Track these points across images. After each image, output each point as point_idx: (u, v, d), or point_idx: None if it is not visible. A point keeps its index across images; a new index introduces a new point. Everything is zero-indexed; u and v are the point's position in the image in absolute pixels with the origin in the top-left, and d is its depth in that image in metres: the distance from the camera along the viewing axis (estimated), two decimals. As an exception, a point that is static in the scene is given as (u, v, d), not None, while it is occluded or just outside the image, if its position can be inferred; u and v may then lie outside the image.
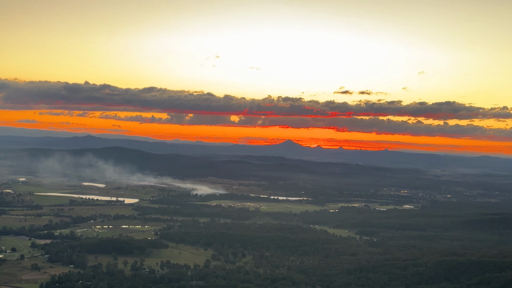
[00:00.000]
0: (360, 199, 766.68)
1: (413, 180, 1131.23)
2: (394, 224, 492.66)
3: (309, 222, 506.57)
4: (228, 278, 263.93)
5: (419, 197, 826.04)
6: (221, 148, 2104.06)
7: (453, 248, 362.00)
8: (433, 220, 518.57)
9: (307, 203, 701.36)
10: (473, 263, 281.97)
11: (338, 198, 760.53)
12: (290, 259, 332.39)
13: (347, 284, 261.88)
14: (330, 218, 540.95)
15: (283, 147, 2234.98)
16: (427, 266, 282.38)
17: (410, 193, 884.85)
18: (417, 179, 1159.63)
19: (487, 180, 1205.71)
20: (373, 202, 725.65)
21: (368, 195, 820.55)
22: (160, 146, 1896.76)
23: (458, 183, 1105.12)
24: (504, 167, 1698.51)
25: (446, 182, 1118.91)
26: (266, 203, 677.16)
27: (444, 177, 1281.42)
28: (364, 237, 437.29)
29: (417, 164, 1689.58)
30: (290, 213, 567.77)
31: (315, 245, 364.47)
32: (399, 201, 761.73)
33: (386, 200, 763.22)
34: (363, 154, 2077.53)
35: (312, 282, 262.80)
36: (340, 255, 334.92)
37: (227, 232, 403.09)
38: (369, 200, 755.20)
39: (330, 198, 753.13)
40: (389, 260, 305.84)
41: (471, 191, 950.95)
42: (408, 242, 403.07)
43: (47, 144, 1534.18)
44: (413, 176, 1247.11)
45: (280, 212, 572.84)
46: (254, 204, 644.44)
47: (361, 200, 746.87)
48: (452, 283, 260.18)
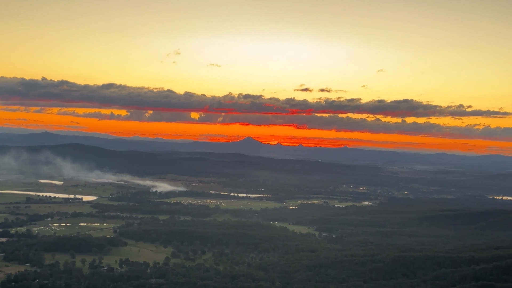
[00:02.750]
0: (320, 196, 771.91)
1: (371, 177, 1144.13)
2: (353, 221, 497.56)
3: (269, 219, 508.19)
4: (187, 275, 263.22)
5: (377, 194, 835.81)
6: (181, 145, 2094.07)
7: (410, 244, 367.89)
8: (391, 216, 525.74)
9: (267, 200, 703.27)
10: (430, 258, 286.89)
11: (297, 195, 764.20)
12: (250, 256, 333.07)
13: (306, 280, 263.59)
14: (290, 215, 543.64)
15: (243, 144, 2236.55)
16: (385, 262, 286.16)
17: (368, 190, 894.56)
18: (376, 176, 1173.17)
19: (443, 177, 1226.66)
20: (332, 199, 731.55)
21: (328, 192, 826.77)
22: (120, 143, 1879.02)
23: (415, 179, 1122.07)
24: (460, 164, 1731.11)
25: (403, 179, 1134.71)
26: (226, 200, 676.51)
27: (401, 174, 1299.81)
28: (323, 233, 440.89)
29: (376, 161, 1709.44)
30: (250, 210, 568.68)
31: (275, 242, 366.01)
32: (357, 197, 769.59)
33: (345, 197, 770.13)
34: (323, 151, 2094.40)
35: (272, 279, 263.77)
36: (300, 252, 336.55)
37: (187, 230, 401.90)
38: (328, 197, 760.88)
39: (290, 195, 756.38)
40: (348, 256, 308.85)
41: (428, 188, 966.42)
42: (366, 238, 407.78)
43: (3, 141, 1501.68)
44: (372, 173, 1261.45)
45: (240, 209, 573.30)
46: (214, 201, 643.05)
47: (321, 197, 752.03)
48: (409, 278, 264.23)
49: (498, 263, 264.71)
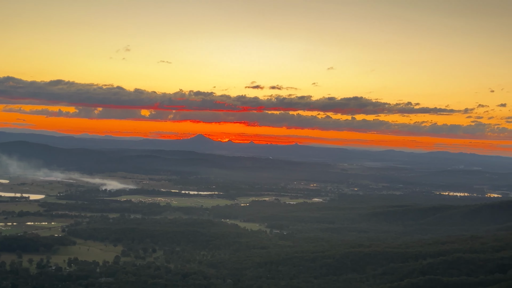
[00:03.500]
0: (271, 193, 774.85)
1: (322, 173, 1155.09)
2: (304, 217, 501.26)
3: (220, 216, 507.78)
4: (138, 274, 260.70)
5: (328, 191, 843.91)
6: (131, 142, 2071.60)
7: (360, 240, 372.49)
8: (341, 212, 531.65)
9: (218, 197, 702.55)
10: (379, 254, 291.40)
11: (249, 192, 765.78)
12: (201, 253, 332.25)
13: (257, 277, 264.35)
14: (241, 212, 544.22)
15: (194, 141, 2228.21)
16: (335, 257, 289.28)
17: (319, 187, 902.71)
18: (326, 173, 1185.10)
19: (391, 173, 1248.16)
20: (283, 196, 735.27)
21: (279, 189, 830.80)
22: (68, 140, 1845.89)
23: (365, 176, 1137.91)
24: (408, 161, 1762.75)
25: (353, 176, 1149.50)
26: (177, 197, 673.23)
27: (351, 170, 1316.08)
28: (274, 230, 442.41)
29: (326, 158, 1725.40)
30: (201, 208, 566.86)
31: (226, 239, 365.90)
32: (308, 194, 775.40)
33: (296, 194, 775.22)
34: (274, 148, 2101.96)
35: (223, 276, 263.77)
36: (251, 249, 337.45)
37: (137, 228, 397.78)
38: (279, 193, 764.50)
39: (241, 192, 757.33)
40: (299, 252, 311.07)
41: (377, 184, 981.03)
42: (317, 234, 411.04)
43: None
44: (322, 169, 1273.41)
45: (191, 207, 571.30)
46: (165, 199, 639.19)
47: (272, 194, 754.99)
48: (359, 273, 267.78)
49: (444, 258, 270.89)
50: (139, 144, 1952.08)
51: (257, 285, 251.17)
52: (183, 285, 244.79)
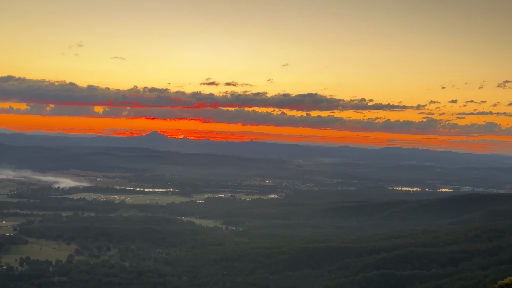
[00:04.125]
0: (226, 189, 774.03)
1: (277, 170, 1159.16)
2: (259, 214, 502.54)
3: (175, 214, 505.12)
4: (92, 272, 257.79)
5: (283, 187, 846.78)
6: (85, 139, 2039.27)
7: (315, 235, 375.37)
8: (296, 208, 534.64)
9: (174, 194, 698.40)
10: (334, 249, 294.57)
11: (204, 189, 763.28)
12: (157, 251, 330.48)
13: (213, 274, 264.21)
14: (197, 209, 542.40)
15: (149, 138, 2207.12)
16: (290, 253, 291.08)
17: (274, 183, 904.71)
18: (281, 169, 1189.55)
19: (346, 169, 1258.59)
20: (239, 192, 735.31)
21: (234, 186, 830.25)
22: (19, 138, 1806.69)
23: (320, 172, 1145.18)
24: (362, 157, 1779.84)
25: (308, 172, 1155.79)
26: (131, 195, 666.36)
27: (306, 166, 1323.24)
28: (230, 227, 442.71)
29: (281, 154, 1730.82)
30: (156, 205, 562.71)
31: (182, 236, 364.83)
32: (264, 190, 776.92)
33: (252, 190, 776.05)
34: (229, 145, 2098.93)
35: (178, 273, 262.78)
36: (207, 246, 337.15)
37: (91, 226, 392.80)
38: (235, 190, 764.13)
39: (197, 189, 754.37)
40: (254, 248, 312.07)
41: (332, 180, 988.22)
42: (272, 230, 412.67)
43: None
44: (278, 166, 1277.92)
45: (146, 204, 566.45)
46: (119, 197, 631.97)
47: (227, 191, 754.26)
48: (314, 269, 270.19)
49: (398, 252, 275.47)
50: (92, 141, 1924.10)
51: (213, 282, 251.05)
52: (138, 283, 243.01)
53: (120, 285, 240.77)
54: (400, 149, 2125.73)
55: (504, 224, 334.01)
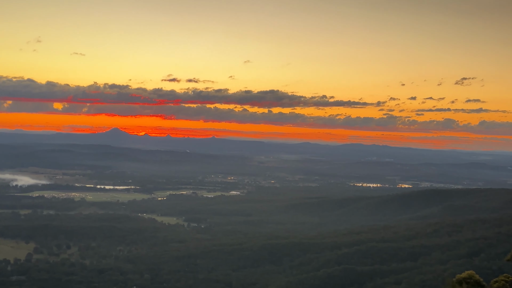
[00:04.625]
0: (188, 186, 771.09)
1: (239, 166, 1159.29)
2: (222, 210, 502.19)
3: (137, 211, 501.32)
4: (51, 271, 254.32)
5: (245, 183, 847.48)
6: (44, 136, 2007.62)
7: (277, 232, 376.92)
8: (258, 205, 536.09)
9: (135, 191, 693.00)
10: (295, 245, 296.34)
11: (166, 186, 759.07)
12: (118, 249, 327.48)
13: (175, 271, 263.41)
14: (158, 206, 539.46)
15: (110, 135, 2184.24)
16: (252, 250, 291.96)
17: (236, 180, 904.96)
18: (243, 166, 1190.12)
19: (307, 165, 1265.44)
20: (201, 189, 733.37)
21: (196, 182, 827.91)
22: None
23: (281, 168, 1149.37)
24: (323, 153, 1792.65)
25: (270, 168, 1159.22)
26: (92, 193, 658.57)
27: (268, 163, 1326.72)
28: (192, 224, 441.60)
29: (243, 151, 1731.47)
30: (117, 203, 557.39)
31: (143, 234, 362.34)
32: (226, 187, 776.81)
33: (214, 187, 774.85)
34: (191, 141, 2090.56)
35: (140, 271, 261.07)
36: (169, 243, 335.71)
37: (51, 224, 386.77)
38: (197, 187, 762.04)
39: (158, 186, 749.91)
40: (217, 245, 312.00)
41: (293, 176, 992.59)
42: (234, 227, 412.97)
43: None
44: (239, 162, 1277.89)
45: (107, 202, 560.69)
46: (79, 194, 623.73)
47: (189, 188, 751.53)
48: (276, 265, 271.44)
49: (359, 247, 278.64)
50: (51, 138, 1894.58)
51: (175, 279, 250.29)
52: (99, 281, 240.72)
53: (81, 284, 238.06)
54: (361, 145, 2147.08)
55: (462, 219, 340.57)
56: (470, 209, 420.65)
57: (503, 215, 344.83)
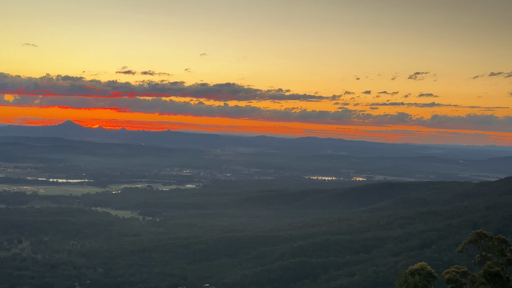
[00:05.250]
0: (143, 179, 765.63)
1: (195, 159, 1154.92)
2: (177, 204, 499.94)
3: (90, 205, 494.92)
4: (2, 266, 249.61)
5: (201, 177, 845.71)
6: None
7: (233, 225, 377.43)
8: (214, 198, 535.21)
9: (89, 185, 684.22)
10: (251, 238, 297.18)
11: (120, 179, 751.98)
12: (71, 243, 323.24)
13: (130, 265, 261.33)
14: (113, 200, 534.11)
15: (63, 127, 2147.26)
16: (208, 243, 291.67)
17: (192, 173, 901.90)
18: (199, 159, 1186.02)
19: (263, 158, 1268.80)
20: (156, 183, 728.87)
21: (151, 176, 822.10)
22: None
23: (237, 162, 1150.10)
24: (279, 146, 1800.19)
25: (226, 161, 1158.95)
26: (44, 186, 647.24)
27: (224, 156, 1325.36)
28: (147, 217, 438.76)
29: (199, 144, 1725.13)
30: (70, 196, 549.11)
31: (97, 228, 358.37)
32: (181, 180, 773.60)
33: (169, 180, 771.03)
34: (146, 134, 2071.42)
35: (94, 266, 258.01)
36: (123, 237, 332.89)
37: (1, 218, 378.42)
38: (152, 180, 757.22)
39: (113, 180, 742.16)
40: (172, 239, 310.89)
41: (249, 170, 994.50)
42: (190, 221, 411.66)
43: None
44: (195, 156, 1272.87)
45: (60, 195, 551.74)
46: (31, 188, 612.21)
47: (144, 181, 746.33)
48: (231, 258, 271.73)
49: (313, 240, 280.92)
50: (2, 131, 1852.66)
51: (129, 274, 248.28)
52: (51, 276, 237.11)
53: (33, 279, 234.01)
54: (316, 139, 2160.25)
55: (414, 212, 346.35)
56: (422, 202, 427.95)
57: (454, 207, 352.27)
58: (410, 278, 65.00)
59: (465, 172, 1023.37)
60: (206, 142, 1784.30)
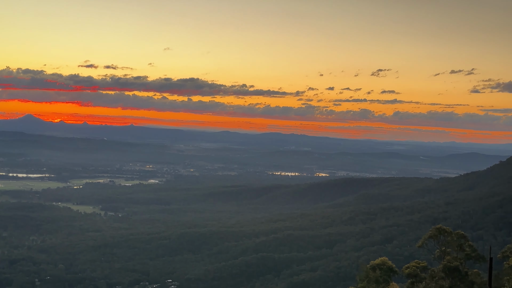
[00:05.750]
0: (106, 174, 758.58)
1: (158, 155, 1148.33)
2: (140, 199, 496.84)
3: (51, 200, 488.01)
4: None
5: (164, 172, 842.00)
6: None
7: (196, 220, 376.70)
8: (177, 193, 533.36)
9: (50, 180, 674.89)
10: (214, 233, 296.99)
11: (82, 174, 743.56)
12: (31, 238, 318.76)
13: (91, 261, 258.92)
14: (74, 195, 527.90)
15: (23, 121, 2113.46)
16: (170, 238, 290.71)
17: (155, 168, 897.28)
18: (162, 154, 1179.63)
19: (227, 154, 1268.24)
20: (118, 178, 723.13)
21: (114, 171, 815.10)
22: None
23: (201, 157, 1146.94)
24: (243, 142, 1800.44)
25: (189, 157, 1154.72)
26: (4, 181, 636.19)
27: (187, 151, 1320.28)
28: (109, 213, 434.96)
29: (162, 139, 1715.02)
30: (30, 191, 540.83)
31: (58, 223, 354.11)
32: (144, 176, 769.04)
33: (132, 175, 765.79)
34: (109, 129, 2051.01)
35: (54, 261, 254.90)
36: (84, 232, 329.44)
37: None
38: (114, 175, 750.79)
39: (74, 175, 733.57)
40: (134, 234, 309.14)
41: (213, 165, 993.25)
42: (153, 216, 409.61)
43: None
44: (158, 151, 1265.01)
45: (20, 190, 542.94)
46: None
47: (107, 176, 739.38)
48: (194, 253, 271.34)
49: (276, 235, 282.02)
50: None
51: (90, 269, 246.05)
52: (10, 272, 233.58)
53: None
54: (280, 134, 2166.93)
55: (376, 207, 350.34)
56: (384, 197, 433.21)
57: (414, 203, 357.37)
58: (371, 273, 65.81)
59: (426, 168, 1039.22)
60: (169, 137, 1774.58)
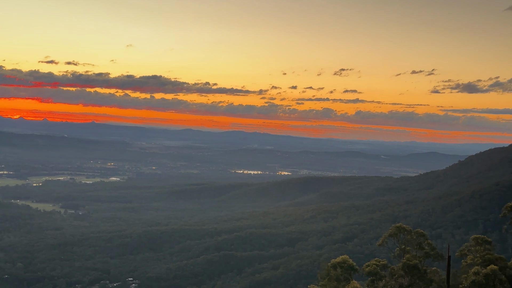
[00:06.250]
0: (66, 172, 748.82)
1: (119, 152, 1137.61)
2: (101, 197, 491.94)
3: (10, 197, 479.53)
4: None
5: (126, 169, 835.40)
6: None
7: (157, 218, 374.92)
8: (139, 191, 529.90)
9: (8, 177, 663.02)
10: (176, 232, 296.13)
11: (42, 172, 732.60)
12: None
13: (50, 259, 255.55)
14: (33, 193, 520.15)
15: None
16: (132, 237, 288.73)
17: (116, 166, 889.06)
18: (124, 152, 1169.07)
19: (190, 152, 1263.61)
20: (79, 175, 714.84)
21: (74, 168, 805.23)
22: None
23: (163, 155, 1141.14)
24: (205, 140, 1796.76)
25: (151, 155, 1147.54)
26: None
27: (149, 149, 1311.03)
28: (69, 210, 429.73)
29: (124, 136, 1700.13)
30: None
31: (16, 221, 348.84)
32: (105, 173, 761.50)
33: (93, 173, 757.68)
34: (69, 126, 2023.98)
35: (12, 260, 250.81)
36: (44, 230, 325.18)
37: None
38: (75, 173, 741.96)
39: (33, 172, 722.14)
40: (95, 232, 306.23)
41: (175, 163, 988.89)
42: (114, 214, 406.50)
43: None
44: (120, 148, 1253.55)
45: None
46: None
47: (67, 173, 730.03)
48: (156, 252, 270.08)
49: (238, 233, 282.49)
50: None
51: (50, 268, 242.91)
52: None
53: None
54: (243, 133, 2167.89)
55: (337, 206, 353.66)
56: (345, 196, 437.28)
57: (375, 201, 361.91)
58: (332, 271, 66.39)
59: (387, 168, 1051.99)
60: (131, 135, 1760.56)
